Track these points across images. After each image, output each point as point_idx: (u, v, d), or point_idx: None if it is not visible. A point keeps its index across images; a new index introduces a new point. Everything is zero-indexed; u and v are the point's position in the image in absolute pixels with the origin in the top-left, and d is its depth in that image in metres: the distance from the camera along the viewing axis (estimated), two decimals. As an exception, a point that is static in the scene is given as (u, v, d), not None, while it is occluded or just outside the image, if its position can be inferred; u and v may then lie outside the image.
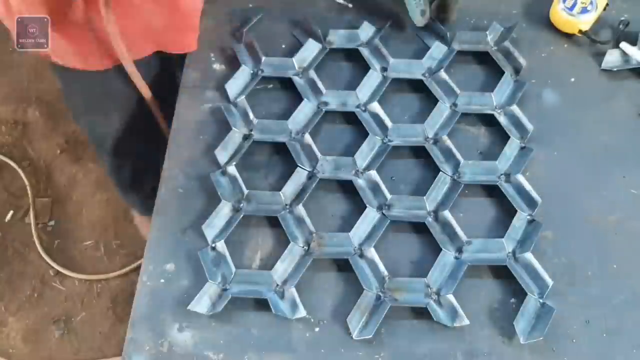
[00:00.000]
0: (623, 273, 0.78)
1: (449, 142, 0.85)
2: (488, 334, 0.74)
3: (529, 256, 0.76)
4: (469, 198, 0.83)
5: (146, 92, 0.96)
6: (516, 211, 0.80)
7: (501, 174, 0.83)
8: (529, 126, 0.86)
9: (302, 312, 0.74)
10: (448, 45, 0.93)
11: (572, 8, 0.93)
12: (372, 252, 0.77)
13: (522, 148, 0.85)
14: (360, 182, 0.82)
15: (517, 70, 0.91)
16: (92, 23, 0.82)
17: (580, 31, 0.93)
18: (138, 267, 1.65)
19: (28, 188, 1.77)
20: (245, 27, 0.96)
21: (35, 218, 1.74)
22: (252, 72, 0.92)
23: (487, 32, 0.95)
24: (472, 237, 0.78)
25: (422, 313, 0.74)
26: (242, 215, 0.79)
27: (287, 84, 0.92)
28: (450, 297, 0.74)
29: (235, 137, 0.86)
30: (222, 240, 0.78)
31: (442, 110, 0.88)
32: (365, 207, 0.80)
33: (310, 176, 0.83)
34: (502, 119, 0.87)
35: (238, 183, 0.82)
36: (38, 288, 1.65)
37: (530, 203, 0.80)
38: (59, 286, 1.66)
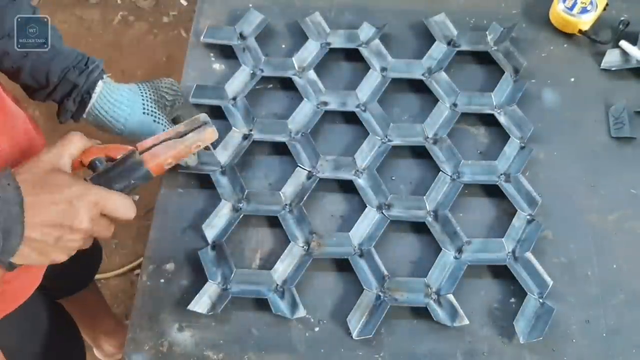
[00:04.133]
0: (623, 273, 0.78)
1: (449, 142, 0.85)
2: (488, 334, 0.74)
3: (529, 256, 0.76)
4: (469, 198, 0.83)
5: None
6: (516, 211, 0.80)
7: (501, 174, 0.83)
8: (529, 126, 0.86)
9: (302, 312, 0.74)
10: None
11: (572, 8, 0.93)
12: (372, 252, 0.77)
13: (522, 148, 0.85)
14: (360, 182, 0.82)
15: (517, 70, 0.91)
16: None
17: (580, 31, 0.93)
18: (138, 267, 1.65)
19: (28, 188, 1.76)
20: (247, 28, 0.96)
21: (35, 218, 1.73)
22: (252, 72, 0.92)
23: (487, 32, 0.95)
24: (472, 237, 0.78)
25: (422, 313, 0.74)
26: (242, 215, 0.79)
27: (287, 84, 0.92)
28: (450, 297, 0.74)
29: (235, 137, 0.86)
30: (222, 240, 0.78)
31: (442, 110, 0.88)
32: (365, 207, 0.80)
33: (310, 176, 0.83)
34: (502, 119, 0.87)
35: (238, 183, 0.82)
36: (38, 288, 1.65)
37: (530, 203, 0.80)
38: (59, 286, 1.66)
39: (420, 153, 0.86)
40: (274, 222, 0.81)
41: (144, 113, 0.78)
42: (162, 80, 0.81)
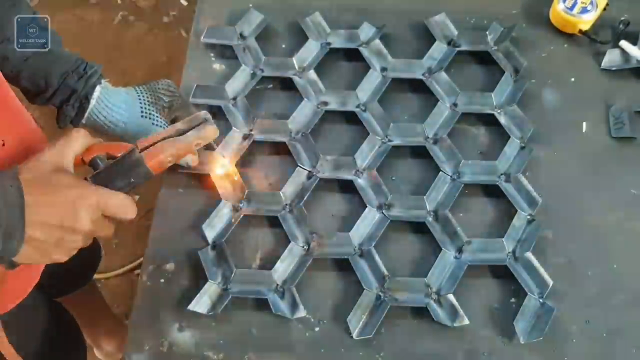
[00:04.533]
0: (623, 273, 0.78)
1: (449, 142, 0.85)
2: (488, 334, 0.74)
3: (529, 256, 0.76)
4: (469, 198, 0.83)
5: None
6: (516, 211, 0.80)
7: (501, 174, 0.83)
8: (529, 126, 0.86)
9: (302, 312, 0.74)
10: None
11: (572, 8, 0.93)
12: (372, 252, 0.77)
13: (522, 148, 0.85)
14: (360, 182, 0.82)
15: (517, 70, 0.91)
16: None
17: (580, 31, 0.93)
18: (138, 267, 1.65)
19: (28, 188, 1.76)
20: (247, 28, 0.96)
21: (35, 218, 1.73)
22: (252, 72, 0.92)
23: (487, 32, 0.95)
24: (472, 237, 0.78)
25: (422, 313, 0.74)
26: (242, 215, 0.79)
27: (287, 84, 0.92)
28: (450, 297, 0.74)
29: (235, 137, 0.86)
30: (222, 240, 0.78)
31: (442, 110, 0.88)
32: (366, 206, 0.80)
33: (310, 176, 0.83)
34: (502, 119, 0.87)
35: (238, 182, 0.82)
36: (38, 288, 1.65)
37: (530, 203, 0.80)
38: (59, 286, 1.66)
39: (420, 153, 0.85)
40: (274, 222, 0.80)
41: (142, 116, 0.78)
42: (158, 82, 0.81)
